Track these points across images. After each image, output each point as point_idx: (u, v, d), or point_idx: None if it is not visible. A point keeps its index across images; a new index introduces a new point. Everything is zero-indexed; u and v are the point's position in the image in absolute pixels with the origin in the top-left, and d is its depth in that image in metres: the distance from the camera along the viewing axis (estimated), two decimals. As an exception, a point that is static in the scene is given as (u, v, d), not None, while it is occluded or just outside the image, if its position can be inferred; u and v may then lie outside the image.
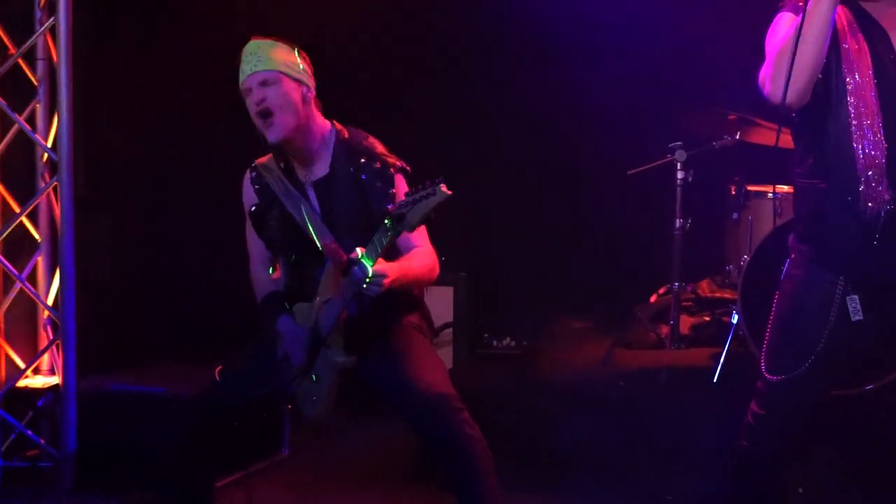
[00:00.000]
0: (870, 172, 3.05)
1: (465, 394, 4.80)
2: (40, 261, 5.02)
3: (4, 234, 4.75)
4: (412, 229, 3.31)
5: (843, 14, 3.14)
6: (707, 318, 5.69)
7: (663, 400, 4.79)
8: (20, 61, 4.82)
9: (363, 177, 3.66)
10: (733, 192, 5.56)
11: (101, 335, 5.22)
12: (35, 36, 4.81)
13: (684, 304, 5.66)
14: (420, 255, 3.65)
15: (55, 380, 4.92)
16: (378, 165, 3.66)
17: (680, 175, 5.39)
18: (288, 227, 3.74)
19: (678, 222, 5.40)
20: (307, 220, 3.67)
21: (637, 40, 6.14)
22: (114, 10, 5.32)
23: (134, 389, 4.73)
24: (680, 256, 5.42)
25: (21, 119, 4.81)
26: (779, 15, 3.21)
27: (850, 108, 3.07)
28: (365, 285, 3.37)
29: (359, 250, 3.39)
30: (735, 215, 5.55)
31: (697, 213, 5.47)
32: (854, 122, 3.07)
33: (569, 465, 4.67)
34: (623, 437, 4.67)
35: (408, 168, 3.70)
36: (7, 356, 4.87)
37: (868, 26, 3.13)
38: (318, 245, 3.65)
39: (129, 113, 5.52)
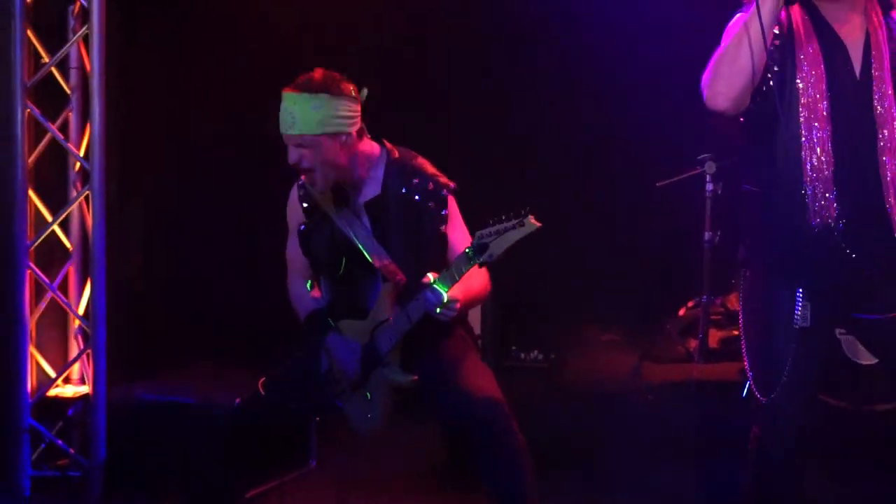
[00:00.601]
0: (817, 184, 3.04)
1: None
2: (71, 270, 5.03)
3: (36, 243, 4.76)
4: (494, 260, 3.29)
5: (801, 23, 3.12)
6: (736, 332, 5.65)
7: (692, 414, 4.77)
8: (53, 70, 4.84)
9: (416, 197, 3.65)
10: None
11: (132, 344, 5.22)
12: (68, 45, 4.83)
13: (713, 317, 5.64)
14: (477, 274, 3.58)
15: (85, 389, 4.93)
16: (431, 186, 3.66)
17: (709, 187, 5.39)
18: (337, 246, 3.72)
19: (707, 235, 5.39)
20: (359, 239, 3.67)
21: (668, 50, 6.13)
22: (147, 19, 5.34)
23: (164, 399, 4.72)
24: (709, 269, 5.40)
25: (54, 127, 4.82)
26: (734, 16, 3.17)
27: (801, 118, 3.05)
28: (438, 310, 3.40)
29: (431, 276, 3.42)
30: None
31: (727, 225, 5.45)
32: (804, 133, 3.05)
33: (597, 476, 4.66)
34: (652, 450, 4.66)
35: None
36: (38, 365, 4.88)
37: (826, 36, 3.12)
38: (373, 264, 3.64)
39: (161, 121, 5.54)
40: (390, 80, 5.95)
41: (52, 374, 4.90)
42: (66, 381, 5.04)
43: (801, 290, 3.11)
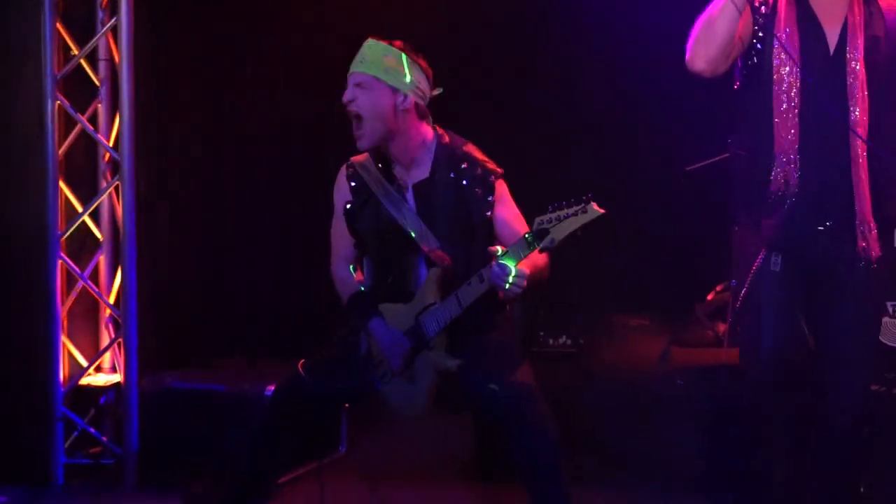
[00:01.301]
0: (781, 155, 3.31)
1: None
2: (102, 259, 5.07)
3: (67, 233, 4.80)
4: (555, 246, 3.31)
5: (785, 5, 3.34)
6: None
7: (722, 399, 4.76)
8: (83, 61, 4.87)
9: (464, 182, 3.66)
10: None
11: (162, 333, 5.26)
12: (97, 36, 4.86)
13: (742, 301, 5.61)
14: (539, 258, 3.59)
15: (117, 377, 4.97)
16: (479, 172, 3.67)
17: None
18: (382, 227, 3.74)
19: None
20: (405, 220, 3.68)
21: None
22: (175, 9, 5.36)
23: (194, 387, 4.76)
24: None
25: (84, 119, 4.86)
26: None
27: (774, 93, 3.32)
28: (508, 284, 3.37)
29: (499, 248, 3.41)
30: (793, 212, 5.48)
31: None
32: (775, 105, 3.32)
33: (626, 461, 4.67)
34: (680, 436, 4.65)
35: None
36: (70, 354, 4.93)
37: (806, 16, 3.35)
38: (418, 246, 3.66)
39: (190, 111, 5.56)
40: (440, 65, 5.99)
41: (84, 363, 4.95)
42: (98, 369, 5.08)
43: (772, 247, 3.38)
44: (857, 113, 3.28)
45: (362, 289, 3.84)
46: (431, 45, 3.77)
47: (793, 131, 3.29)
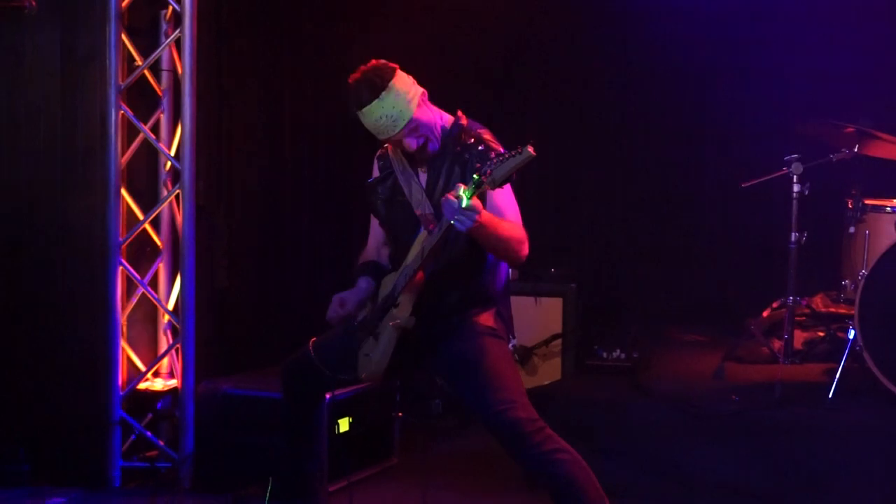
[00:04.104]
0: None
1: (574, 405, 4.84)
2: (161, 267, 5.15)
3: (128, 240, 4.88)
4: (495, 185, 3.34)
5: None
6: (821, 334, 5.60)
7: (778, 415, 4.72)
8: (146, 72, 4.95)
9: (466, 156, 3.71)
10: (850, 206, 5.45)
11: (220, 339, 5.33)
12: (161, 48, 4.95)
13: (798, 318, 5.57)
14: (512, 224, 3.65)
15: (174, 383, 5.04)
16: (482, 148, 3.70)
17: (796, 188, 5.32)
18: (395, 201, 3.85)
19: (794, 236, 5.33)
20: (413, 195, 3.77)
21: (762, 51, 6.12)
22: (238, 21, 5.44)
23: (249, 394, 4.80)
24: (795, 270, 5.34)
25: (146, 128, 4.94)
26: None
27: None
28: (457, 216, 3.36)
29: (460, 186, 3.39)
30: (851, 229, 5.44)
31: (813, 226, 5.39)
32: None
33: (679, 476, 4.64)
34: (736, 451, 4.62)
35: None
36: (129, 359, 5.00)
37: None
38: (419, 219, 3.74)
39: (250, 122, 5.63)
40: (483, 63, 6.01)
41: (142, 368, 5.02)
42: (156, 374, 5.15)
43: None
44: None
45: (374, 259, 3.96)
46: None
47: None
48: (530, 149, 3.29)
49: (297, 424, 4.13)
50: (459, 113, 3.84)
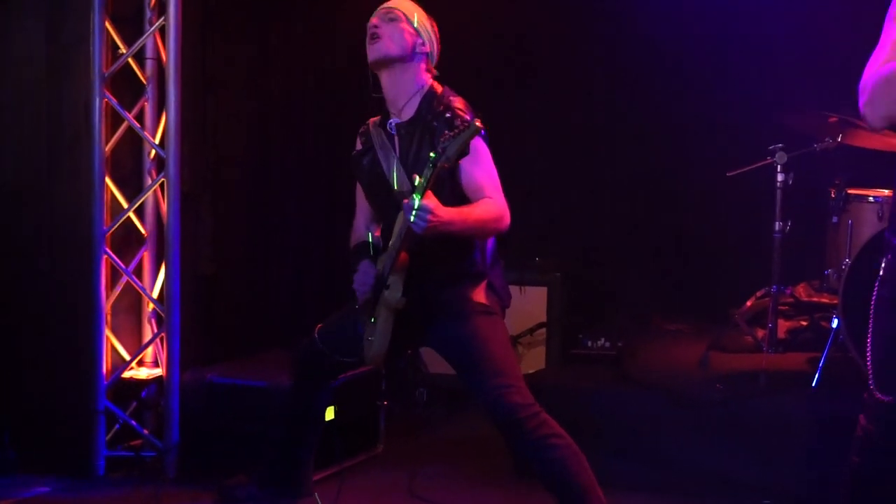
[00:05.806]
0: None
1: (558, 394, 4.85)
2: (146, 255, 5.13)
3: (112, 229, 4.86)
4: (450, 162, 3.34)
5: None
6: (804, 323, 5.62)
7: (762, 404, 4.74)
8: (130, 60, 4.93)
9: (435, 124, 3.71)
10: (833, 196, 5.47)
11: (205, 328, 5.32)
12: (145, 36, 4.92)
13: (782, 307, 5.59)
14: (486, 203, 3.63)
15: (159, 372, 5.03)
16: (449, 115, 3.69)
17: (780, 177, 5.34)
18: (375, 175, 3.85)
19: (777, 225, 5.34)
20: (391, 168, 3.78)
21: (742, 40, 6.13)
22: (223, 10, 5.42)
23: (235, 382, 4.80)
24: (779, 259, 5.36)
25: (130, 116, 4.92)
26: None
27: None
28: (412, 219, 3.37)
29: (416, 177, 3.41)
30: (835, 219, 5.45)
31: (797, 216, 5.41)
32: None
33: (663, 466, 4.67)
34: (721, 440, 4.65)
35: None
36: (113, 348, 4.99)
37: None
38: (396, 189, 3.75)
39: (235, 110, 5.62)
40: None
41: (127, 356, 5.00)
42: (140, 363, 5.13)
43: None
44: None
45: (367, 239, 3.95)
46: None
47: None
48: (478, 122, 3.34)
49: (301, 411, 4.16)
50: (433, 82, 3.85)
